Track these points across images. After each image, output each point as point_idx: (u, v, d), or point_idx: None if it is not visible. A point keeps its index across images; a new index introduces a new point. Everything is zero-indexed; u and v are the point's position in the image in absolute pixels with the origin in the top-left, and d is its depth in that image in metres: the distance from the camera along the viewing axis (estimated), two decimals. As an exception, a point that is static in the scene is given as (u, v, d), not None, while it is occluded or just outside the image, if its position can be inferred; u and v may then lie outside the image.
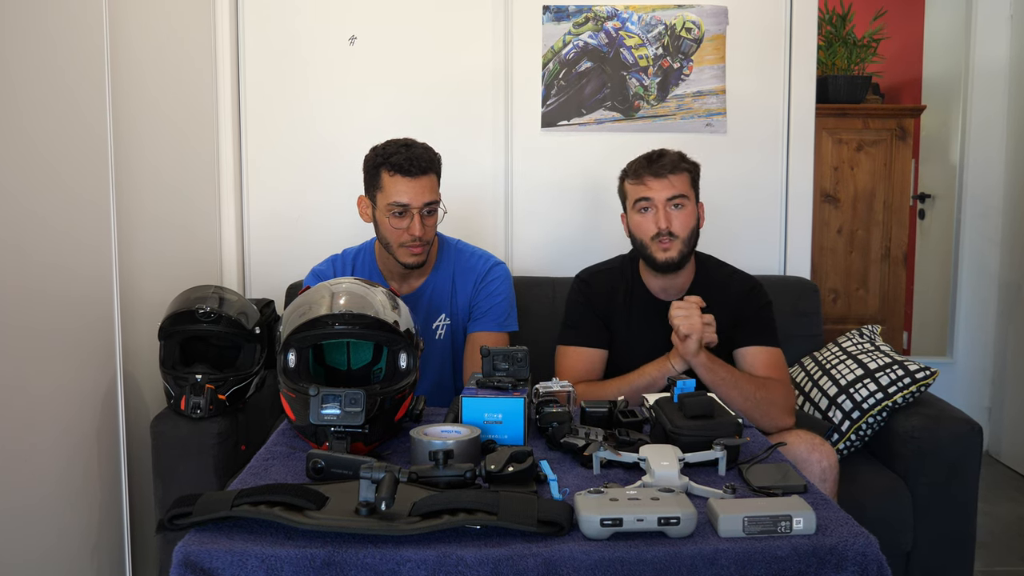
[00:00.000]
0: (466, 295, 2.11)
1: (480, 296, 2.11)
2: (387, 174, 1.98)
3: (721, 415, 1.49)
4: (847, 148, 3.54)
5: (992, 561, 2.68)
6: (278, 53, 2.68)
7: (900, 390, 2.17)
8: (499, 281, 2.11)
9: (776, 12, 2.68)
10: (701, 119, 2.69)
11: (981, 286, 3.73)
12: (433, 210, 2.01)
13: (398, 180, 1.96)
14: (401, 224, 1.98)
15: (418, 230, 1.96)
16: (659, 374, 1.92)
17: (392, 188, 1.97)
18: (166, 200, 2.34)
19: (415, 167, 1.96)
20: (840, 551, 1.13)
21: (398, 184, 1.96)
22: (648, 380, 1.92)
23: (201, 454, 1.96)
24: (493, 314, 2.10)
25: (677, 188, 1.97)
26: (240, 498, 1.17)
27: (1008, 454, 3.53)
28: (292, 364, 1.52)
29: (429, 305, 2.11)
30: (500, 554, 1.11)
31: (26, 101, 1.71)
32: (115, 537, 2.04)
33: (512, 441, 1.49)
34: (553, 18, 2.67)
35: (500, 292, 2.11)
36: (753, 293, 2.06)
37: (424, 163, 1.97)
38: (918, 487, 2.09)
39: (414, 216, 1.96)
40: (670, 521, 1.13)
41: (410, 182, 1.96)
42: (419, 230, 1.96)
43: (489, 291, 2.10)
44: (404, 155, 1.96)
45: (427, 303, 2.11)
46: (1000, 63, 3.63)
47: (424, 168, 1.97)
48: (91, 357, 1.95)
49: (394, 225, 1.98)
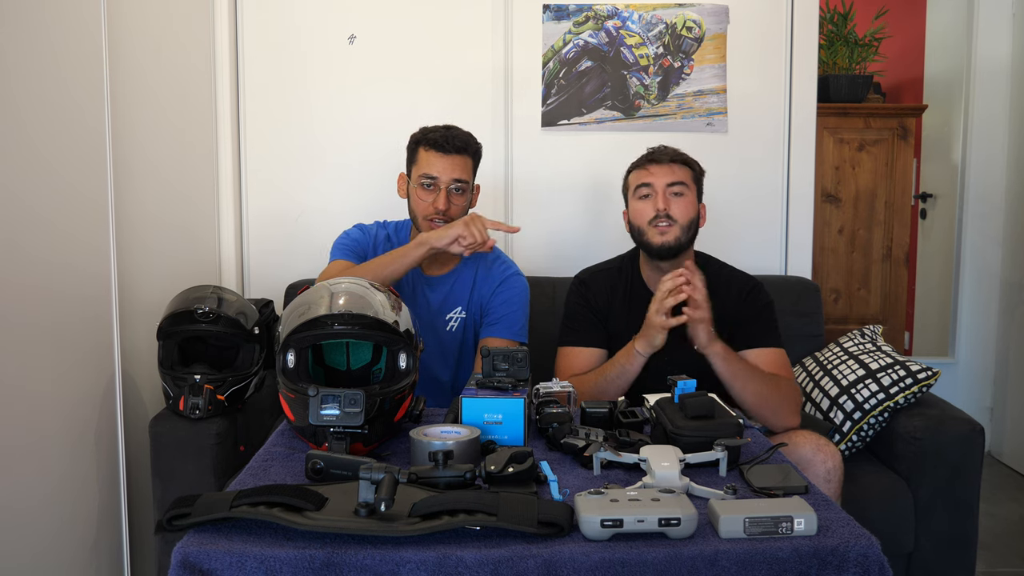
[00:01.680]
0: (482, 296, 2.13)
1: (495, 301, 2.12)
2: (423, 149, 2.07)
3: (722, 416, 1.48)
4: (848, 147, 3.53)
5: (994, 562, 2.67)
6: (277, 52, 2.67)
7: (902, 390, 2.16)
8: (515, 290, 2.13)
9: (777, 11, 2.68)
10: (702, 118, 2.69)
11: (983, 286, 3.72)
12: (462, 189, 2.06)
13: (432, 154, 2.05)
14: (428, 197, 2.05)
15: (442, 203, 2.03)
16: (626, 360, 1.91)
17: (425, 161, 2.06)
18: (165, 199, 2.33)
19: (450, 144, 2.05)
20: (841, 552, 1.13)
21: (431, 158, 2.05)
22: (618, 369, 1.92)
23: (200, 455, 1.96)
24: (507, 321, 2.10)
25: (678, 175, 1.99)
26: (239, 499, 1.17)
27: (1010, 455, 3.52)
28: (291, 364, 1.51)
29: (450, 293, 2.13)
30: (500, 555, 1.10)
31: (24, 98, 1.71)
32: (114, 538, 2.03)
33: (512, 442, 1.49)
34: (553, 17, 2.67)
35: (515, 301, 2.12)
36: (754, 293, 2.06)
37: (459, 142, 2.06)
38: (920, 488, 2.09)
39: (441, 190, 2.03)
40: (671, 522, 1.13)
41: (443, 157, 2.04)
42: (443, 203, 2.03)
43: (504, 298, 2.12)
44: (442, 133, 2.07)
45: (448, 290, 2.13)
46: (1002, 61, 3.62)
47: (459, 148, 2.05)
48: (89, 357, 1.94)
49: (421, 197, 2.06)
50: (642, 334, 1.89)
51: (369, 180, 2.67)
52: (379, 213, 2.30)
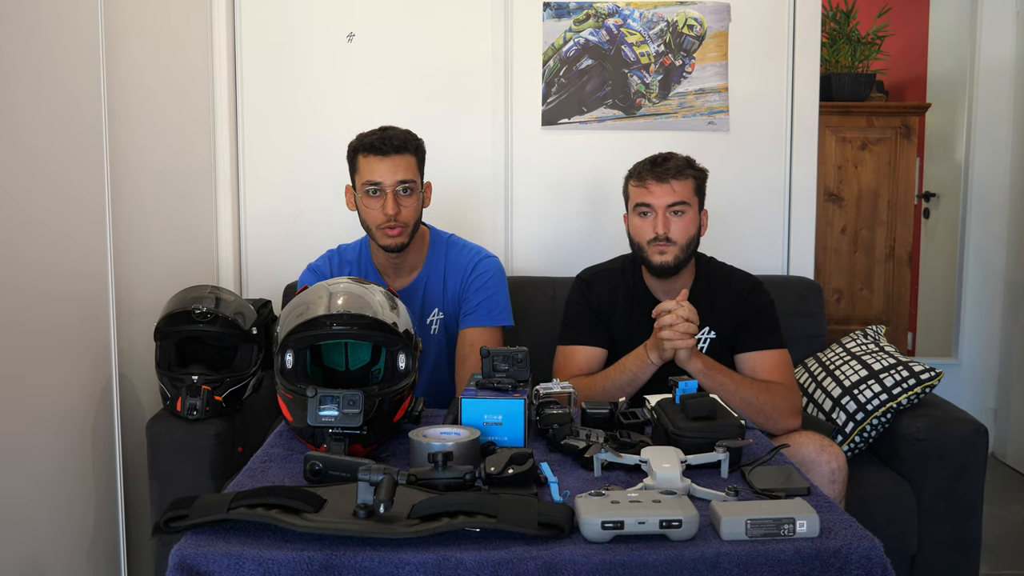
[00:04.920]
0: (455, 289, 2.10)
1: (469, 291, 2.09)
2: (362, 156, 2.01)
3: (723, 416, 1.48)
4: (851, 146, 3.52)
5: (998, 564, 2.65)
6: (276, 50, 2.67)
7: (905, 391, 2.15)
8: (488, 275, 2.09)
9: (779, 9, 2.67)
10: (703, 117, 2.68)
11: (987, 286, 3.71)
12: (410, 189, 2.00)
13: (372, 160, 1.99)
14: (375, 204, 1.99)
15: (391, 208, 1.97)
16: (638, 369, 1.91)
17: (366, 167, 2.00)
18: (162, 199, 2.32)
19: (388, 146, 1.99)
20: (844, 554, 1.12)
21: (372, 163, 1.99)
22: (629, 376, 1.91)
23: (197, 456, 1.95)
24: (483, 309, 2.07)
25: (679, 194, 1.96)
26: (237, 500, 1.16)
27: (1014, 456, 3.51)
28: (289, 365, 1.50)
29: (424, 299, 2.10)
30: (500, 557, 1.10)
31: (21, 97, 1.70)
32: (111, 540, 2.02)
33: (512, 443, 1.48)
34: (554, 15, 2.65)
35: (490, 286, 2.09)
36: (754, 293, 2.05)
37: (397, 142, 1.99)
38: (923, 489, 2.08)
39: (388, 195, 1.98)
40: (672, 524, 1.12)
41: (383, 160, 1.98)
42: (392, 208, 1.97)
43: (478, 285, 2.08)
44: (378, 135, 2.01)
45: (422, 297, 2.10)
46: (1006, 60, 3.61)
47: (397, 147, 1.99)
48: (86, 357, 1.93)
49: (369, 205, 2.00)
50: (654, 345, 1.88)
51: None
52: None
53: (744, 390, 1.88)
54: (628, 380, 1.92)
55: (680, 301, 1.83)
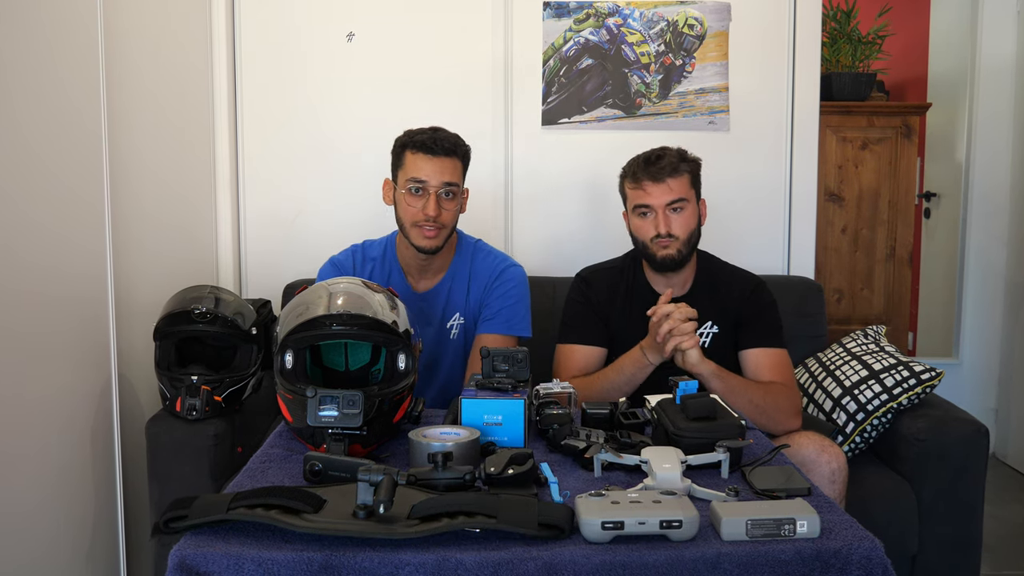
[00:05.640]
0: (478, 295, 2.09)
1: (491, 297, 2.07)
2: (411, 152, 1.99)
3: (724, 417, 1.47)
4: (851, 146, 3.51)
5: (998, 565, 2.65)
6: (276, 50, 2.66)
7: (905, 391, 2.15)
8: (512, 283, 2.08)
9: (779, 9, 2.67)
10: (704, 117, 2.67)
11: (987, 286, 3.71)
12: (452, 193, 1.99)
13: (419, 158, 1.98)
14: (417, 203, 1.97)
15: (432, 209, 1.95)
16: (635, 369, 1.90)
17: (413, 165, 1.98)
18: (162, 199, 2.32)
19: (438, 147, 1.97)
20: (844, 554, 1.12)
21: (419, 161, 1.97)
22: (626, 376, 1.91)
23: (197, 456, 1.95)
24: (502, 316, 2.06)
25: (676, 192, 1.95)
26: (236, 501, 1.16)
27: (1015, 456, 3.50)
28: (289, 365, 1.50)
29: (447, 303, 2.09)
30: (500, 557, 1.09)
31: (20, 98, 1.70)
32: (110, 540, 2.02)
33: (512, 443, 1.48)
34: (554, 14, 2.65)
35: (512, 295, 2.07)
36: (756, 292, 2.05)
37: (448, 144, 1.99)
38: (924, 490, 2.08)
39: (431, 195, 1.96)
40: (672, 524, 1.12)
41: (431, 160, 1.97)
42: (433, 209, 1.95)
43: (500, 292, 2.07)
44: (429, 135, 1.99)
45: (444, 301, 2.09)
46: (1007, 59, 3.61)
47: (447, 150, 1.98)
48: (85, 358, 1.93)
49: (410, 203, 1.98)
50: (651, 345, 1.87)
51: (367, 180, 2.64)
52: (378, 212, 2.28)
53: (751, 392, 1.89)
54: (625, 380, 1.91)
55: (665, 302, 1.83)
